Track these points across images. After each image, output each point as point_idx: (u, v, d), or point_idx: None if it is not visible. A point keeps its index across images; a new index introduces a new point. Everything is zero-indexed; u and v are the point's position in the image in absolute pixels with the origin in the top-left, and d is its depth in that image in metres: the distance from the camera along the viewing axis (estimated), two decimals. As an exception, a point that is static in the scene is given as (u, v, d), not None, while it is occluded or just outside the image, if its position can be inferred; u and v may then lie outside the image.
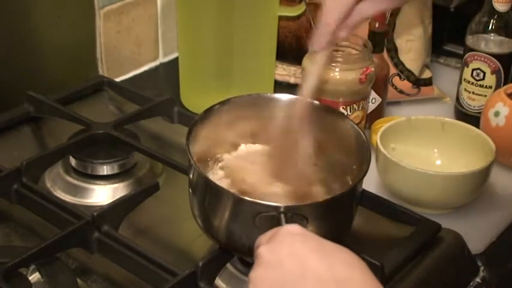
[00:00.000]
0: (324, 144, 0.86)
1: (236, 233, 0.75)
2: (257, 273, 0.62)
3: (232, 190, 0.78)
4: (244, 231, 0.74)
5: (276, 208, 0.71)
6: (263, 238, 0.66)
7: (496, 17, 1.10)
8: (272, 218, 0.70)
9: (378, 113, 1.12)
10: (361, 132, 0.83)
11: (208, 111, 0.84)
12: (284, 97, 0.87)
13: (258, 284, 0.61)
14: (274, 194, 0.80)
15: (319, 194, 0.83)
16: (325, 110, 0.87)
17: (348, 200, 0.78)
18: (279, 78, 1.24)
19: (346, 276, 0.59)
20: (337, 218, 0.77)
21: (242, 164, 0.87)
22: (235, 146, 0.88)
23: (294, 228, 0.65)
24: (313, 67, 0.82)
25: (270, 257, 0.62)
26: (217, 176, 0.85)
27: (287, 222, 0.69)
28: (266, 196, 0.78)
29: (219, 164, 0.86)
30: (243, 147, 0.88)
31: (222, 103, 0.85)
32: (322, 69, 0.82)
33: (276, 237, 0.64)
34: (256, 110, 0.87)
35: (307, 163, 0.87)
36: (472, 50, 1.12)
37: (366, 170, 0.77)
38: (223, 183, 0.81)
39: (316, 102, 0.86)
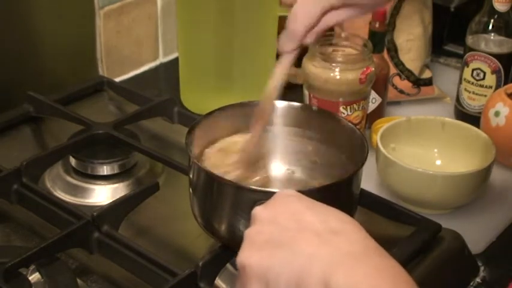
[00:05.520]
0: (322, 146, 0.86)
1: (236, 226, 0.75)
2: (252, 229, 0.62)
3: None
4: (244, 222, 0.74)
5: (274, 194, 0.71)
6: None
7: (496, 17, 1.10)
8: None
9: (378, 113, 1.12)
10: (355, 128, 0.83)
11: (210, 115, 0.85)
12: (285, 104, 0.88)
13: (254, 238, 0.61)
14: None
15: None
16: (318, 113, 0.88)
17: (347, 189, 0.78)
18: (279, 78, 1.24)
19: (340, 228, 0.60)
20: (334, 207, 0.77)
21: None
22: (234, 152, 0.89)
23: (288, 191, 0.66)
24: (277, 68, 0.82)
25: (265, 214, 0.63)
26: None
27: None
28: None
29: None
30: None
31: (224, 108, 0.86)
32: (286, 71, 0.82)
33: (271, 199, 0.65)
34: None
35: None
36: (472, 50, 1.12)
37: (363, 160, 0.77)
38: None
39: (315, 107, 0.87)
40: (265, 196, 0.70)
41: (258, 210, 0.64)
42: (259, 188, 0.74)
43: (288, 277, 0.58)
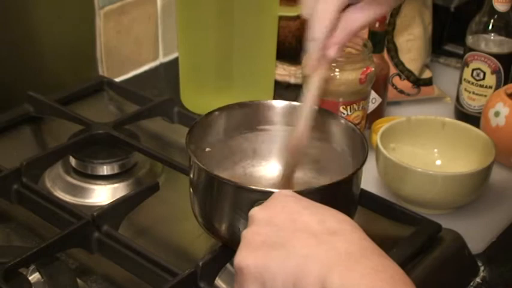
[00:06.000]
0: (322, 146, 0.86)
1: (236, 226, 0.75)
2: (249, 230, 0.63)
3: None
4: (244, 222, 0.74)
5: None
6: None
7: (496, 17, 1.10)
8: None
9: (378, 113, 1.12)
10: (355, 128, 0.83)
11: (210, 114, 0.85)
12: (285, 104, 0.88)
13: (251, 239, 0.62)
14: None
15: None
16: (318, 113, 0.87)
17: (346, 189, 0.78)
18: (279, 78, 1.24)
19: (337, 228, 0.60)
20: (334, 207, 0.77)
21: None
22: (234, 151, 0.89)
23: (286, 191, 0.66)
24: (309, 92, 0.77)
25: (262, 214, 0.63)
26: None
27: None
28: None
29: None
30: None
31: (224, 108, 0.86)
32: (318, 92, 0.77)
33: (268, 199, 0.65)
34: (256, 117, 0.87)
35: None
36: (472, 50, 1.12)
37: (363, 160, 0.77)
38: None
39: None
40: (264, 196, 0.70)
41: (255, 211, 0.64)
42: (259, 188, 0.74)
43: (285, 277, 0.58)
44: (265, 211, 0.63)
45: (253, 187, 0.75)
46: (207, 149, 0.85)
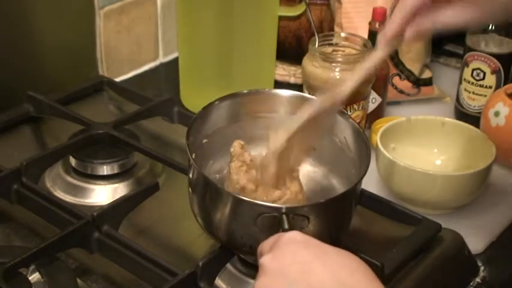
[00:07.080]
0: (324, 140, 0.86)
1: (237, 233, 0.75)
2: (261, 282, 0.62)
3: (232, 191, 0.78)
4: (245, 231, 0.74)
5: (278, 209, 0.71)
6: (265, 246, 0.66)
7: (496, 17, 1.10)
8: (274, 219, 0.71)
9: (378, 113, 1.12)
10: (361, 131, 0.83)
11: (207, 108, 0.85)
12: (284, 93, 0.87)
13: None
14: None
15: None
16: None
17: (348, 199, 0.78)
18: (279, 78, 1.24)
19: (350, 282, 0.60)
20: (337, 216, 0.78)
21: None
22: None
23: (295, 235, 0.65)
24: (365, 61, 0.79)
25: (273, 265, 0.62)
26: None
27: (289, 222, 0.70)
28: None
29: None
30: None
31: (221, 100, 0.86)
32: (373, 65, 0.78)
33: (278, 245, 0.64)
34: (256, 106, 0.87)
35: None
36: (472, 50, 1.12)
37: (365, 170, 0.77)
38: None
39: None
40: (266, 209, 0.70)
41: (266, 261, 0.63)
42: (259, 202, 0.73)
43: None
44: (277, 261, 0.62)
45: (255, 201, 0.73)
46: (204, 141, 0.85)
